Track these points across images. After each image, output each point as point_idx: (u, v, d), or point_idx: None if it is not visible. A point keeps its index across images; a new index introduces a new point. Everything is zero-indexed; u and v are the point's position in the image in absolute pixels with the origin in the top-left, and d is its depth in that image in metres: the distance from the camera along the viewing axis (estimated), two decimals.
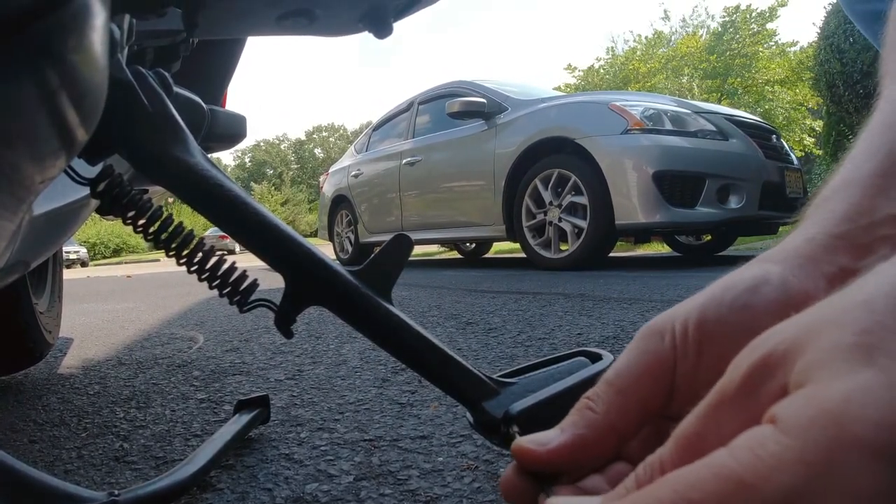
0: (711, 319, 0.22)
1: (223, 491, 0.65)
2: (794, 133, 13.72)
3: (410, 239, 0.58)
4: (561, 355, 0.55)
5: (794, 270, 0.22)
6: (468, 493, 0.62)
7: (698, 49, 15.69)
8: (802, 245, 0.23)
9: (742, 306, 0.22)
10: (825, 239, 0.23)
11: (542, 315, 1.77)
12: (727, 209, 3.17)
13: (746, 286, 0.22)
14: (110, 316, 2.59)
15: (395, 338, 0.54)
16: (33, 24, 0.27)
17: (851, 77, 7.25)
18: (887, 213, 0.22)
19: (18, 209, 0.39)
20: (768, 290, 0.22)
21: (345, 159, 6.01)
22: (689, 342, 0.22)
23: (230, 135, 0.97)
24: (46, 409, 1.06)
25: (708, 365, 0.22)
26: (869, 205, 0.23)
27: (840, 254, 0.22)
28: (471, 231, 4.29)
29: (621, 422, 0.22)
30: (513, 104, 3.99)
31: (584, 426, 0.23)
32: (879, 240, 0.22)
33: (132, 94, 0.52)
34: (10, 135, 0.31)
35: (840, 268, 0.22)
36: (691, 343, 0.22)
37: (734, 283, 0.23)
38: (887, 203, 0.22)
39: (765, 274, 0.23)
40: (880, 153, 0.24)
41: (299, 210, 46.20)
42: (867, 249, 0.22)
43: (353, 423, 0.87)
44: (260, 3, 0.60)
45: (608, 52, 18.41)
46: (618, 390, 0.23)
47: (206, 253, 0.57)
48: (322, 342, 1.55)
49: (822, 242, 0.23)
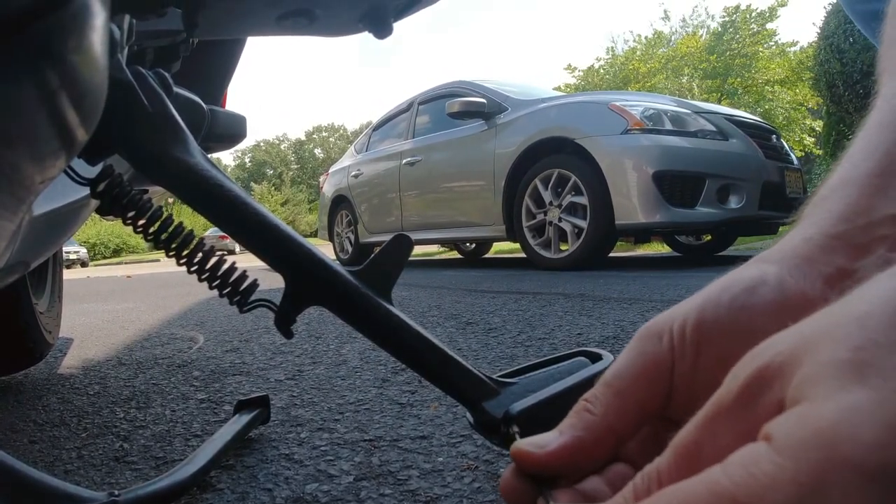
0: (709, 320, 0.22)
1: (223, 491, 0.65)
2: (794, 133, 13.72)
3: (410, 239, 0.58)
4: (561, 355, 0.55)
5: (792, 271, 0.22)
6: (468, 494, 0.62)
7: (698, 49, 15.69)
8: (800, 245, 0.23)
9: (739, 307, 0.22)
10: (822, 239, 0.23)
11: (542, 315, 1.76)
12: (727, 209, 3.17)
13: (744, 287, 0.22)
14: (110, 316, 2.59)
15: (395, 338, 0.54)
16: (33, 25, 0.27)
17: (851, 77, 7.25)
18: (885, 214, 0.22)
19: (18, 209, 0.39)
20: (765, 291, 0.22)
21: (345, 159, 6.01)
22: (687, 343, 0.22)
23: (230, 135, 0.97)
24: (46, 409, 1.06)
25: (706, 366, 0.22)
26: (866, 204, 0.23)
27: (837, 254, 0.22)
28: (471, 231, 4.29)
29: (619, 423, 0.23)
30: (513, 104, 3.99)
31: (582, 428, 0.23)
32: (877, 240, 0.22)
33: (132, 95, 0.52)
34: (10, 135, 0.31)
35: (837, 268, 0.22)
36: (689, 344, 0.22)
37: (731, 284, 0.23)
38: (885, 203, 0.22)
39: (762, 274, 0.23)
40: (878, 152, 0.24)
41: (299, 210, 46.20)
42: (864, 249, 0.22)
43: (354, 424, 0.87)
44: (260, 3, 0.60)
45: (608, 52, 18.42)
46: (616, 392, 0.23)
47: (206, 253, 0.57)
48: (322, 342, 1.55)
49: (819, 242, 0.23)
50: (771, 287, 0.22)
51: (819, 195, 0.25)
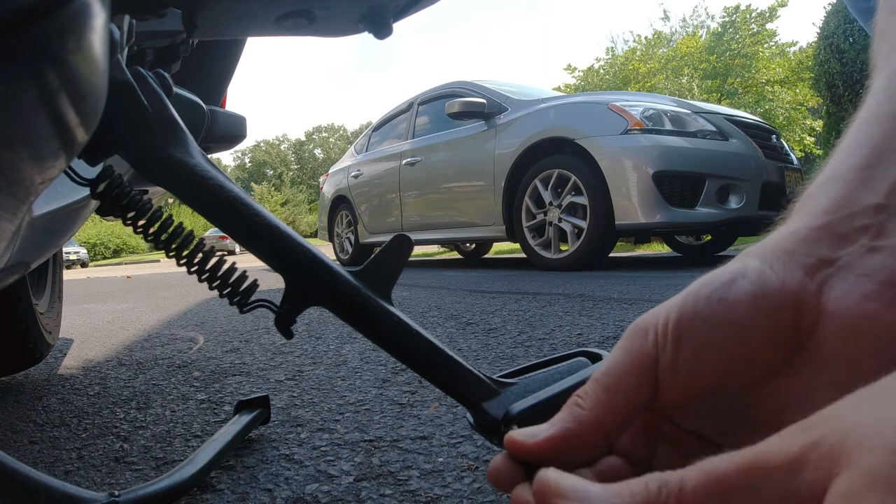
0: (688, 314, 0.23)
1: (223, 491, 0.65)
2: (794, 133, 13.71)
3: (410, 239, 0.58)
4: (561, 356, 0.55)
5: (773, 263, 0.23)
6: (468, 494, 0.62)
7: (698, 49, 15.68)
8: (783, 239, 0.24)
9: (717, 300, 0.23)
10: (805, 231, 0.23)
11: (542, 315, 1.76)
12: (727, 209, 3.17)
13: (724, 281, 0.23)
14: (110, 317, 2.59)
15: (395, 338, 0.53)
16: (33, 25, 0.27)
17: (851, 77, 7.25)
18: (867, 203, 0.22)
19: (18, 210, 0.39)
20: (744, 283, 0.23)
21: (345, 160, 6.01)
22: (669, 338, 0.23)
23: (230, 135, 0.97)
24: (46, 409, 1.06)
25: (685, 359, 0.23)
26: (850, 197, 0.23)
27: (819, 244, 0.23)
28: (471, 231, 4.29)
29: (607, 417, 0.23)
30: (513, 104, 3.99)
31: (571, 421, 0.23)
32: (859, 229, 0.22)
33: (132, 95, 0.52)
34: (9, 136, 0.31)
35: (818, 258, 0.23)
36: (670, 339, 0.23)
37: (713, 279, 0.24)
38: (868, 194, 0.23)
39: (743, 268, 0.23)
40: (863, 148, 0.24)
41: (299, 211, 46.20)
42: (847, 239, 0.22)
43: (354, 424, 0.87)
44: (259, 3, 0.60)
45: (608, 52, 18.37)
46: (604, 388, 0.24)
47: (207, 254, 0.57)
48: (322, 343, 1.55)
49: (802, 235, 0.23)
50: (750, 280, 0.23)
51: (807, 192, 0.25)
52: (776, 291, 0.22)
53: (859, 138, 0.25)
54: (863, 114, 0.26)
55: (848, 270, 0.22)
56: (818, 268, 0.22)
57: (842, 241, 0.22)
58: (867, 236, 0.22)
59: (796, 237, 0.23)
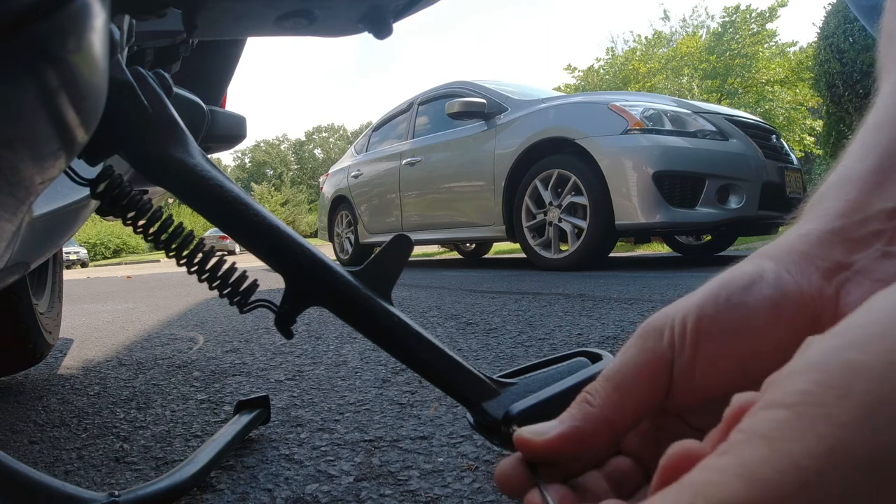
0: (708, 317, 0.23)
1: (223, 491, 0.65)
2: (794, 133, 13.71)
3: (410, 239, 0.58)
4: (561, 355, 0.55)
5: (790, 266, 0.23)
6: (468, 494, 0.62)
7: (698, 49, 15.67)
8: (797, 241, 0.24)
9: (737, 304, 0.23)
10: (820, 235, 0.23)
11: (542, 315, 1.76)
12: (727, 209, 3.17)
13: (742, 284, 0.23)
14: (110, 317, 2.59)
15: (394, 338, 0.53)
16: (33, 25, 0.27)
17: (851, 77, 7.25)
18: (881, 208, 0.22)
19: (18, 210, 0.39)
20: (763, 287, 0.23)
21: (345, 160, 6.01)
22: (687, 341, 0.23)
23: (230, 135, 0.97)
24: (46, 409, 1.06)
25: (703, 362, 0.23)
26: (863, 201, 0.23)
27: (834, 249, 0.23)
28: (471, 231, 4.29)
29: (617, 416, 0.23)
30: (512, 104, 3.99)
31: (580, 419, 0.23)
32: (874, 234, 0.22)
33: (132, 95, 0.52)
34: (9, 136, 0.31)
35: (834, 262, 0.22)
36: (689, 342, 0.23)
37: (730, 281, 0.23)
38: (881, 199, 0.23)
39: (760, 271, 0.23)
40: (874, 152, 0.24)
41: (299, 211, 46.19)
42: (862, 243, 0.22)
43: (354, 424, 0.87)
44: (259, 3, 0.60)
45: (608, 52, 18.37)
46: (615, 386, 0.23)
47: (207, 254, 0.57)
48: (322, 343, 1.55)
49: (816, 238, 0.23)
50: (768, 283, 0.23)
51: (817, 194, 0.25)
52: (794, 296, 0.22)
53: (869, 142, 0.25)
54: (872, 118, 0.26)
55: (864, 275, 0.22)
56: (835, 272, 0.22)
57: (856, 246, 0.22)
58: (881, 241, 0.22)
59: (809, 239, 0.23)
